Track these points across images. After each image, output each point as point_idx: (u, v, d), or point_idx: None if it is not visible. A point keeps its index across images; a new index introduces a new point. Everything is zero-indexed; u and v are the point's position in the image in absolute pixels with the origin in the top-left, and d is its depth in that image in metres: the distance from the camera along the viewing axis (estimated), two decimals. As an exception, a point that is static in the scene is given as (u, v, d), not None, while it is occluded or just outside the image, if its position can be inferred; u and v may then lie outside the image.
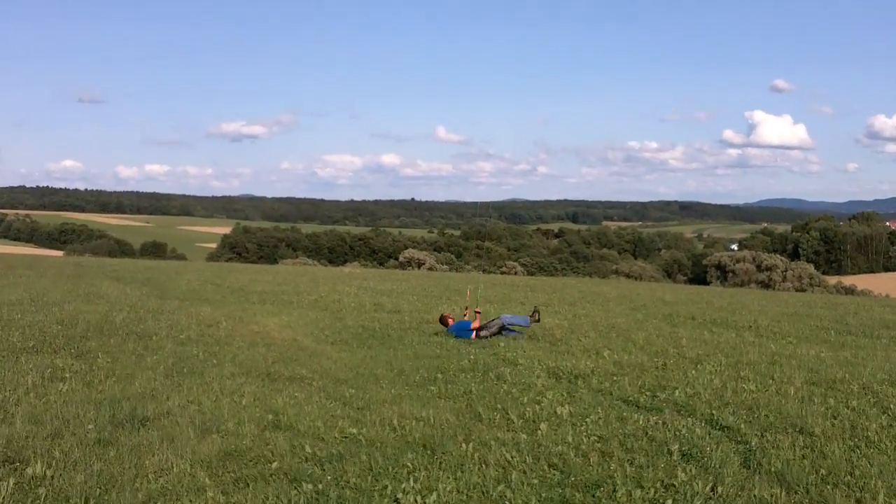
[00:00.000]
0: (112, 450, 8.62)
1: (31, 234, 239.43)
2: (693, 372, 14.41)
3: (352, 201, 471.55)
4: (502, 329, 18.70)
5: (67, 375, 12.37)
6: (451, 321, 19.15)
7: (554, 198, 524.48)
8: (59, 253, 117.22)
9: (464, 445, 9.16)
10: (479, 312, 19.26)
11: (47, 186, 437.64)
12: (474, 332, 18.35)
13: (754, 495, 7.83)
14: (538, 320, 19.60)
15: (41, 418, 9.71)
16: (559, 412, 11.00)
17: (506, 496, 7.66)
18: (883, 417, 11.11)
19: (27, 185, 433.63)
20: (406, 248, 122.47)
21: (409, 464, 8.46)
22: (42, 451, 8.42)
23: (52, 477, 7.72)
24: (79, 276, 33.69)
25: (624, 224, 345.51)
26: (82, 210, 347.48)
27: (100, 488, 7.52)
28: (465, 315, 19.54)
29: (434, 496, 7.57)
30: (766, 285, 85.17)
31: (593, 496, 7.76)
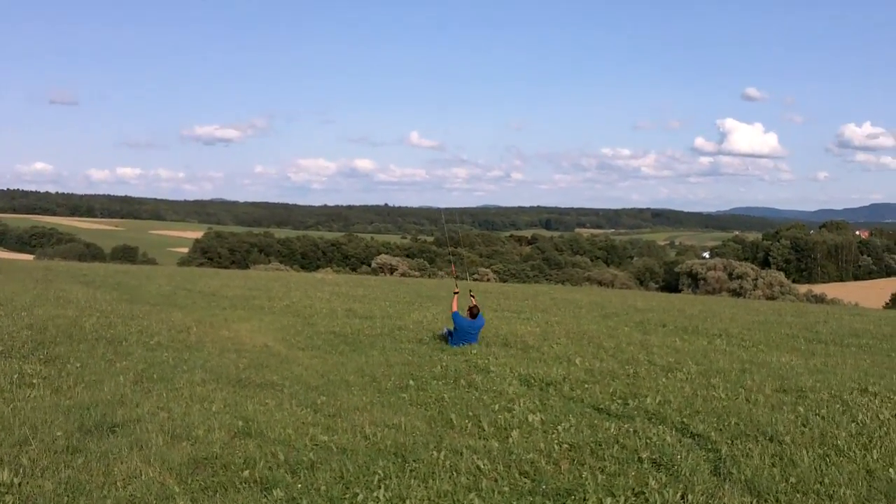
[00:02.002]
0: (80, 457, 8.54)
1: (0, 238, 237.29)
2: (664, 380, 14.47)
3: (325, 206, 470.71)
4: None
5: (36, 381, 12.26)
6: (476, 312, 18.98)
7: (527, 204, 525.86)
8: (29, 256, 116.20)
9: (435, 453, 9.15)
10: (473, 297, 19.56)
11: (17, 189, 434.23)
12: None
13: (724, 503, 7.86)
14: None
15: (9, 425, 9.61)
16: (530, 420, 11.01)
17: (476, 504, 7.65)
18: (852, 426, 11.18)
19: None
20: (379, 253, 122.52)
21: (380, 472, 8.44)
22: (9, 458, 8.33)
23: (20, 484, 7.65)
24: (48, 280, 33.42)
25: (597, 231, 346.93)
26: (53, 213, 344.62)
27: (68, 496, 7.46)
28: (455, 293, 19.85)
29: (405, 504, 7.56)
30: (737, 293, 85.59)
31: (564, 504, 7.77)
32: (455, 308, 19.06)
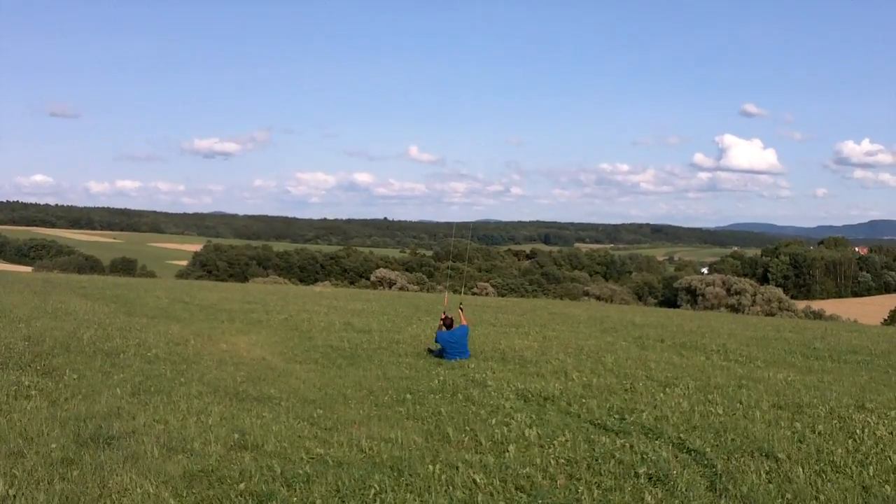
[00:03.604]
0: (76, 469, 8.53)
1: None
2: (661, 395, 14.46)
3: (324, 220, 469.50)
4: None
5: (33, 393, 12.25)
6: (451, 323, 19.03)
7: (527, 219, 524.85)
8: (28, 268, 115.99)
9: (431, 467, 9.14)
10: (462, 308, 20.03)
11: (17, 201, 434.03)
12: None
13: (720, 519, 7.85)
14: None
15: (5, 436, 9.60)
16: (527, 434, 11.01)
17: (472, 519, 7.65)
18: (849, 442, 11.18)
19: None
20: (377, 267, 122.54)
21: (375, 485, 8.43)
22: (4, 469, 8.32)
23: (15, 496, 7.63)
24: (47, 292, 33.41)
25: (596, 246, 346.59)
26: (52, 225, 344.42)
27: (62, 508, 7.44)
28: (442, 315, 19.68)
29: (400, 518, 7.55)
30: (735, 309, 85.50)
31: (560, 519, 7.76)
32: (440, 328, 19.16)
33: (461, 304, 20.74)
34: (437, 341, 18.88)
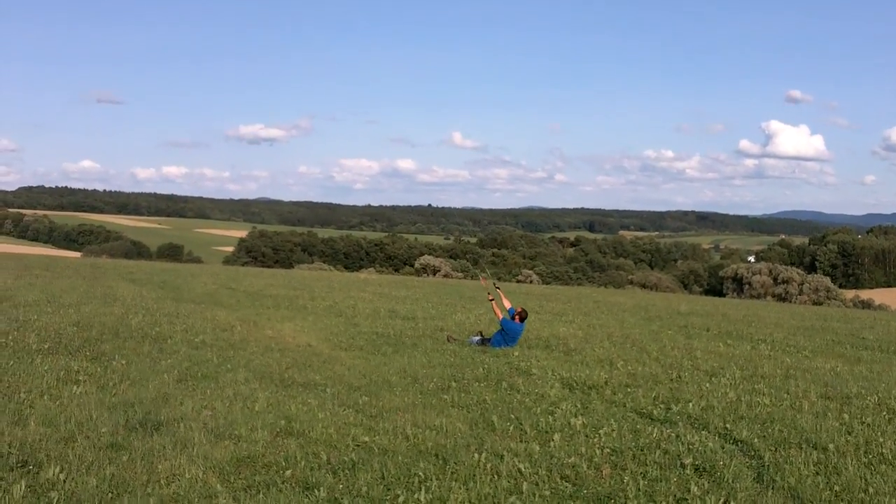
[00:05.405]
0: (125, 454, 8.63)
1: (48, 235, 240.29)
2: (707, 385, 14.36)
3: (368, 206, 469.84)
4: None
5: (82, 378, 12.41)
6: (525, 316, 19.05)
7: (570, 206, 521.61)
8: (76, 254, 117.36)
9: (476, 455, 9.14)
10: (499, 288, 20.50)
11: (65, 187, 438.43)
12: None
13: (767, 511, 7.79)
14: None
15: (55, 421, 9.73)
16: (572, 423, 10.97)
17: (517, 508, 7.64)
18: (898, 434, 11.04)
19: (46, 185, 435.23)
20: (422, 254, 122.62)
21: (421, 473, 8.45)
22: (55, 454, 8.44)
23: (65, 480, 7.73)
24: (95, 277, 33.86)
25: (641, 234, 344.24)
26: (100, 211, 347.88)
27: (112, 492, 7.53)
28: (489, 297, 19.96)
29: (445, 506, 7.57)
30: (782, 298, 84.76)
31: (605, 509, 7.74)
32: (500, 315, 18.95)
33: (496, 283, 20.93)
34: (505, 326, 18.67)
